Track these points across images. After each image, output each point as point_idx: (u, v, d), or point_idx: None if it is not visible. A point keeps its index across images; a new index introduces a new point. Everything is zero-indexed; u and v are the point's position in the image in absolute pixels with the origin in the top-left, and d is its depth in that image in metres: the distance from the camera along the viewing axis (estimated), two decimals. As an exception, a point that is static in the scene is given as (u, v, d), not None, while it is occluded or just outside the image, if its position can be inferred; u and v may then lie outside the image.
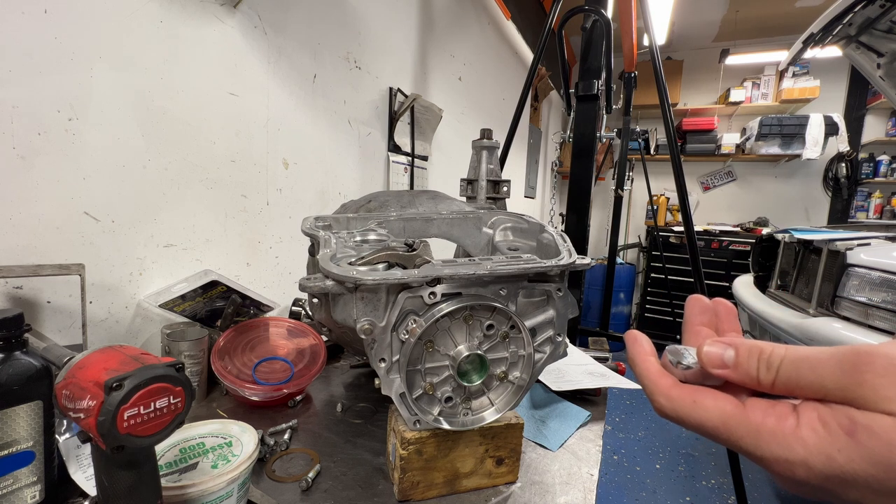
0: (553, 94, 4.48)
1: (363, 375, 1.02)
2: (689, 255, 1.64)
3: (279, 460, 0.68)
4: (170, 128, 0.93)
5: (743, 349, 0.25)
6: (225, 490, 0.50)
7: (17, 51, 0.69)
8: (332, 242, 0.62)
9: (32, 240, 0.73)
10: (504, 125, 2.06)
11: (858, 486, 0.19)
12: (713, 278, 4.03)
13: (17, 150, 0.70)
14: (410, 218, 0.81)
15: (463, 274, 0.53)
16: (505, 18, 2.91)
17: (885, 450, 0.18)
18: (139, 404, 0.38)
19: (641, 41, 2.89)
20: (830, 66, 4.09)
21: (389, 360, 0.56)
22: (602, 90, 1.84)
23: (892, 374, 0.19)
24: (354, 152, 1.54)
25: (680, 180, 1.65)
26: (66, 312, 0.77)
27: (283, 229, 1.26)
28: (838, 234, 1.95)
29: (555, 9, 1.90)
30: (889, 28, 1.75)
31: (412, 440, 0.58)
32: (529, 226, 0.79)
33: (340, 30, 1.41)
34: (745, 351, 0.24)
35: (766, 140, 4.17)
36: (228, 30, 1.03)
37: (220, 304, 0.93)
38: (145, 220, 0.90)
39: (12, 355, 0.47)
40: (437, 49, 2.07)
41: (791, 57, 2.01)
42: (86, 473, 0.54)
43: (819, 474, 0.20)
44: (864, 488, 0.19)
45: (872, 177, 4.18)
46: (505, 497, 0.62)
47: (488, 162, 1.01)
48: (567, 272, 0.61)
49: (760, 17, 4.00)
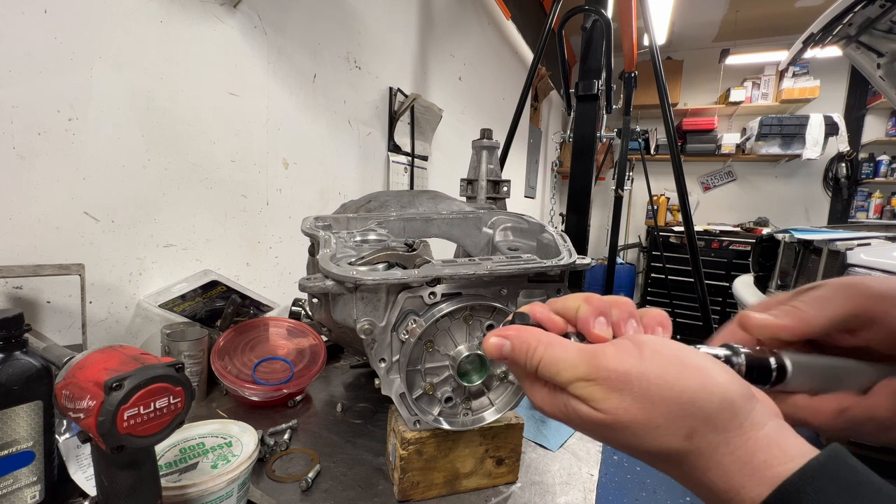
0: (553, 94, 4.48)
1: (363, 375, 1.02)
2: (690, 255, 1.64)
3: (279, 460, 0.68)
4: (170, 128, 0.93)
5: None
6: (225, 490, 0.50)
7: (17, 51, 0.69)
8: (332, 242, 0.62)
9: (32, 240, 0.73)
10: (504, 125, 2.06)
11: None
12: (713, 278, 4.03)
13: (17, 150, 0.70)
14: (410, 218, 0.81)
15: (463, 274, 0.53)
16: (505, 18, 2.91)
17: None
18: (139, 404, 0.38)
19: (641, 41, 2.89)
20: (830, 66, 4.09)
21: (389, 360, 0.56)
22: (602, 90, 1.83)
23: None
24: (354, 152, 1.54)
25: (680, 180, 1.65)
26: (66, 312, 0.77)
27: (283, 229, 1.26)
28: (838, 234, 1.95)
29: (555, 9, 1.90)
30: (889, 28, 1.75)
31: (412, 440, 0.58)
32: (529, 226, 0.79)
33: (340, 30, 1.41)
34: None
35: (767, 140, 4.17)
36: (228, 30, 1.03)
37: (220, 304, 0.93)
38: (145, 220, 0.90)
39: (12, 355, 0.47)
40: (437, 49, 2.06)
41: (791, 57, 2.01)
42: (86, 473, 0.54)
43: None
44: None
45: (872, 177, 4.18)
46: (505, 497, 0.62)
47: (488, 162, 1.00)
48: (567, 272, 0.61)
49: (760, 17, 4.00)
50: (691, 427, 0.22)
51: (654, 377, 0.23)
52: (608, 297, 0.30)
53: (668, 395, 0.22)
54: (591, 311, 0.28)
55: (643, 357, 0.24)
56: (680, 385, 0.22)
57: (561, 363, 0.26)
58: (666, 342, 0.25)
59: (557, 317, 0.30)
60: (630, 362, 0.24)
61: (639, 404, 0.23)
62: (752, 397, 0.23)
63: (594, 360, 0.25)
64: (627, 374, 0.23)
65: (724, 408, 0.22)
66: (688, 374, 0.23)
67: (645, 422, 0.23)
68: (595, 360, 0.25)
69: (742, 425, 0.22)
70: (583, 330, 0.28)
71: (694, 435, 0.22)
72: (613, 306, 0.29)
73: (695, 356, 0.24)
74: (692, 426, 0.22)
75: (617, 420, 0.23)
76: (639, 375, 0.23)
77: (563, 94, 2.23)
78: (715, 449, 0.22)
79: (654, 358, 0.23)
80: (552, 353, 0.26)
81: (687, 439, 0.22)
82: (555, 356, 0.26)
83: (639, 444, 0.24)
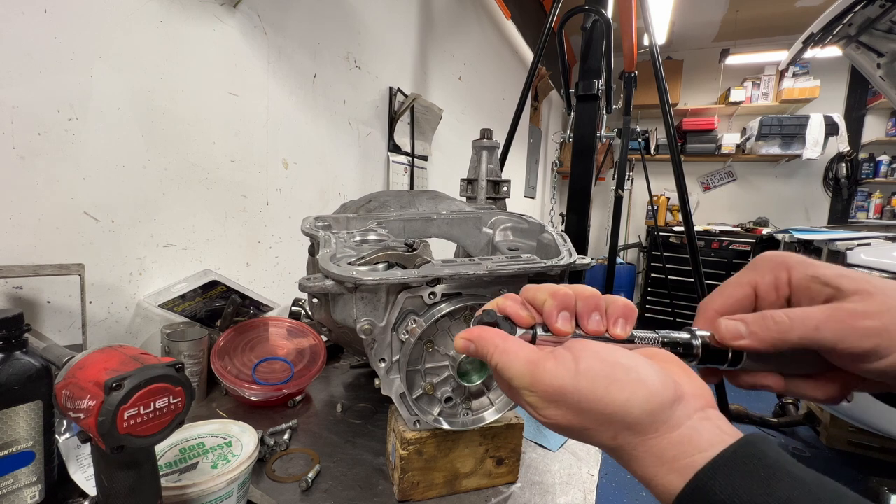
0: (553, 94, 4.48)
1: (363, 375, 1.02)
2: (690, 255, 1.64)
3: (279, 460, 0.68)
4: (170, 128, 0.93)
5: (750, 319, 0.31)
6: (225, 490, 0.50)
7: (17, 51, 0.69)
8: (331, 242, 0.62)
9: (32, 240, 0.73)
10: (504, 125, 2.06)
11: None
12: (713, 278, 3.99)
13: (17, 150, 0.70)
14: (410, 218, 0.81)
15: (463, 274, 0.53)
16: (505, 18, 2.91)
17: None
18: (139, 404, 0.37)
19: (641, 41, 2.89)
20: (830, 66, 4.09)
21: (389, 360, 0.56)
22: (602, 90, 1.83)
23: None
24: (354, 152, 1.54)
25: (680, 180, 1.65)
26: (66, 312, 0.77)
27: (283, 229, 1.26)
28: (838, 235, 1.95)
29: (555, 9, 1.90)
30: (889, 28, 1.75)
31: (412, 440, 0.58)
32: (529, 226, 0.79)
33: (340, 30, 1.41)
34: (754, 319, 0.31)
35: (767, 140, 4.17)
36: (228, 30, 1.03)
37: (220, 304, 0.93)
38: (145, 220, 0.90)
39: (12, 355, 0.47)
40: (437, 49, 2.06)
41: (791, 57, 2.01)
42: (86, 473, 0.54)
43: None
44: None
45: (872, 177, 4.18)
46: (505, 497, 0.62)
47: (488, 162, 1.00)
48: (567, 272, 0.61)
49: (760, 17, 4.00)
50: (615, 431, 0.27)
51: (585, 392, 0.27)
52: (576, 289, 0.32)
53: (595, 408, 0.27)
54: (555, 306, 0.31)
55: (578, 372, 0.27)
56: (606, 400, 0.26)
57: (511, 372, 0.29)
58: (603, 354, 0.28)
59: (525, 311, 0.32)
60: (565, 377, 0.27)
61: (572, 414, 0.27)
62: (676, 401, 0.26)
63: (536, 373, 0.28)
64: (562, 389, 0.27)
65: (642, 418, 0.26)
66: (614, 390, 0.26)
67: (579, 426, 0.28)
68: (536, 373, 0.28)
69: (658, 429, 0.26)
70: (547, 323, 0.31)
71: (617, 437, 0.27)
72: (579, 299, 0.31)
73: (624, 372, 0.27)
74: (616, 431, 0.27)
75: (557, 424, 0.28)
76: (572, 390, 0.27)
77: (563, 94, 2.23)
78: (634, 447, 0.27)
79: (587, 374, 0.27)
80: (504, 361, 0.30)
81: (613, 440, 0.27)
82: (506, 365, 0.30)
83: (577, 438, 0.29)
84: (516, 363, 0.29)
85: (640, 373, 0.27)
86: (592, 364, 0.27)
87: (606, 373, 0.27)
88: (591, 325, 0.31)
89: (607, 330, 0.31)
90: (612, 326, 0.31)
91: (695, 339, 0.32)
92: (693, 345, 0.31)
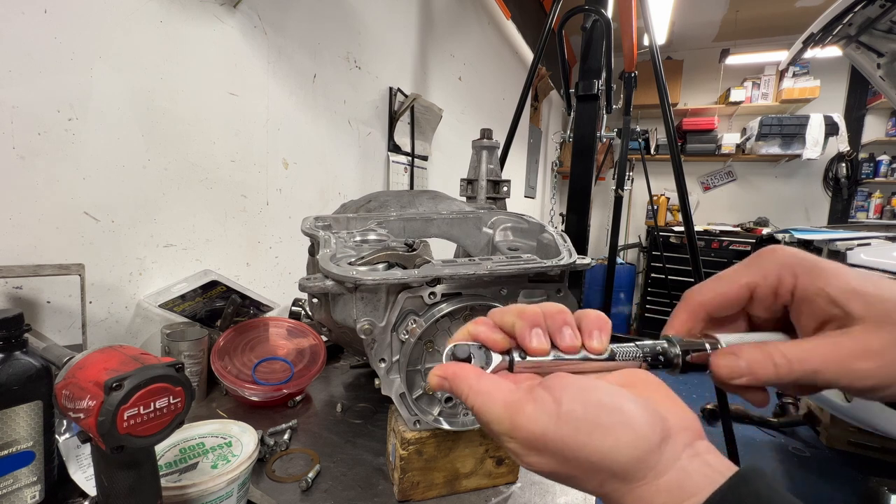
0: (553, 94, 4.48)
1: (363, 375, 1.02)
2: (690, 255, 1.64)
3: (279, 460, 0.68)
4: (170, 128, 0.93)
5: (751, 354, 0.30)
6: (225, 490, 0.50)
7: (17, 51, 0.69)
8: (331, 242, 0.62)
9: (32, 240, 0.73)
10: (504, 125, 2.06)
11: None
12: (713, 278, 4.01)
13: (17, 150, 0.70)
14: (410, 218, 0.81)
15: (463, 274, 0.53)
16: (505, 18, 2.91)
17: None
18: (139, 404, 0.37)
19: (641, 41, 2.89)
20: (830, 66, 4.09)
21: (389, 360, 0.56)
22: (602, 90, 1.83)
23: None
24: (354, 152, 1.54)
25: (680, 180, 1.65)
26: (66, 312, 0.77)
27: (283, 229, 1.26)
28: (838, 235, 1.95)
29: (555, 9, 1.90)
30: (889, 28, 1.75)
31: (412, 440, 0.58)
32: (529, 226, 0.79)
33: (340, 30, 1.41)
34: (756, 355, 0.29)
35: (767, 140, 4.17)
36: (228, 30, 1.03)
37: (220, 304, 0.93)
38: (145, 220, 0.90)
39: (12, 355, 0.47)
40: (437, 49, 2.06)
41: (791, 57, 2.01)
42: (86, 473, 0.54)
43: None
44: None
45: (872, 177, 4.18)
46: (505, 497, 0.62)
47: (488, 162, 1.01)
48: (567, 272, 0.61)
49: (760, 17, 4.00)
50: (601, 480, 0.25)
51: (567, 439, 0.25)
52: (542, 307, 0.30)
53: (579, 455, 0.25)
54: (525, 326, 0.29)
55: (559, 416, 0.25)
56: (590, 447, 0.25)
57: (489, 416, 0.27)
58: (585, 394, 0.26)
59: (499, 335, 0.30)
60: (547, 424, 0.25)
61: (555, 461, 0.26)
62: (664, 441, 0.25)
63: (515, 419, 0.26)
64: (544, 436, 0.25)
65: (629, 466, 0.24)
66: (598, 436, 0.25)
67: (563, 473, 0.26)
68: (515, 419, 0.26)
69: (646, 476, 0.25)
70: (522, 346, 0.29)
71: (604, 485, 0.25)
72: (546, 317, 0.30)
73: (608, 415, 0.25)
74: (602, 479, 0.25)
75: (540, 470, 0.27)
76: (554, 437, 0.25)
77: (563, 94, 2.23)
78: (622, 495, 0.25)
79: (569, 418, 0.25)
80: (481, 404, 0.28)
81: (598, 487, 0.26)
82: (483, 408, 0.28)
83: (566, 484, 0.27)
84: (495, 408, 0.27)
85: (624, 414, 0.25)
86: (574, 407, 0.25)
87: (590, 416, 0.25)
88: (566, 340, 0.29)
89: (584, 345, 0.29)
90: (587, 340, 0.29)
91: (673, 347, 0.31)
92: (673, 356, 0.31)
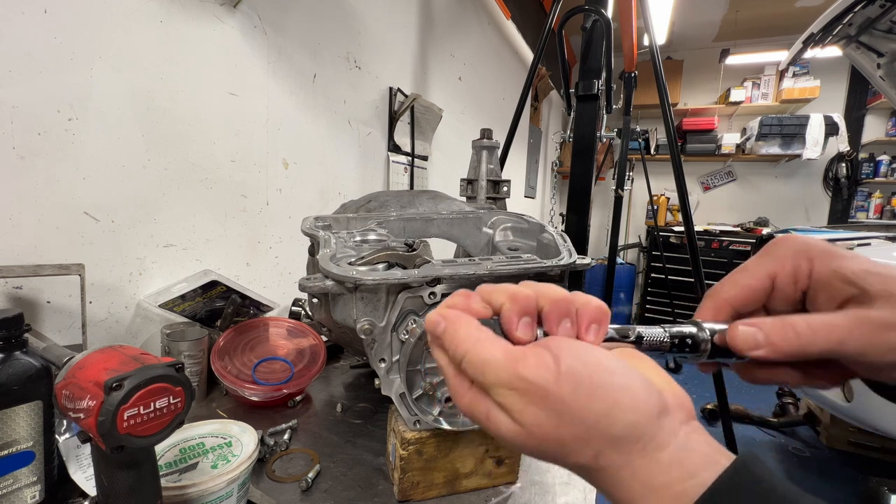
0: (553, 94, 4.48)
1: (363, 375, 1.02)
2: (690, 255, 1.64)
3: (279, 460, 0.68)
4: (170, 128, 0.93)
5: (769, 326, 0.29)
6: (225, 490, 0.50)
7: (17, 51, 0.69)
8: (331, 242, 0.62)
9: (32, 240, 0.73)
10: (504, 125, 2.06)
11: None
12: (713, 278, 3.98)
13: (16, 150, 0.70)
14: (410, 218, 0.81)
15: (463, 274, 0.53)
16: (505, 18, 2.91)
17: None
18: (139, 404, 0.38)
19: (641, 41, 2.89)
20: (830, 66, 4.09)
21: (389, 360, 0.56)
22: (602, 90, 1.83)
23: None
24: (354, 152, 1.54)
25: (680, 180, 1.65)
26: (66, 312, 0.77)
27: (283, 229, 1.26)
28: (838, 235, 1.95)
29: (555, 9, 1.90)
30: (889, 28, 1.75)
31: (412, 440, 0.58)
32: (529, 226, 0.79)
33: (340, 30, 1.41)
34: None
35: (767, 140, 4.17)
36: (228, 30, 1.03)
37: (220, 304, 0.93)
38: (145, 220, 0.90)
39: (12, 355, 0.47)
40: (437, 49, 2.06)
41: (791, 57, 2.01)
42: (86, 473, 0.54)
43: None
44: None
45: (872, 177, 4.18)
46: (505, 497, 0.62)
47: (488, 162, 1.01)
48: (567, 272, 0.61)
49: (760, 17, 4.00)
50: (597, 449, 0.24)
51: (566, 398, 0.23)
52: (540, 290, 0.28)
53: (576, 417, 0.23)
54: (514, 311, 0.27)
55: (559, 375, 0.24)
56: (588, 408, 0.23)
57: (486, 364, 0.25)
58: (584, 355, 0.25)
59: (483, 306, 0.29)
60: (546, 377, 0.24)
61: (551, 422, 0.24)
62: (662, 413, 0.24)
63: (516, 366, 0.24)
64: (545, 389, 0.24)
65: (627, 432, 0.23)
66: (597, 398, 0.23)
67: (555, 440, 0.24)
68: (517, 367, 0.24)
69: (645, 448, 0.23)
70: (506, 330, 0.28)
71: (599, 456, 0.24)
72: (546, 302, 0.28)
73: (608, 376, 0.24)
74: (597, 448, 0.24)
75: (531, 435, 0.24)
76: (554, 392, 0.24)
77: (563, 94, 2.22)
78: (619, 469, 0.23)
79: (568, 378, 0.24)
80: (481, 350, 0.26)
81: (593, 459, 0.24)
82: (481, 355, 0.25)
83: (552, 458, 0.25)
84: (496, 354, 0.25)
85: (625, 377, 0.24)
86: (574, 365, 0.24)
87: (590, 376, 0.24)
88: (561, 333, 0.27)
89: (578, 338, 0.27)
90: (584, 334, 0.27)
91: (702, 332, 0.29)
92: (701, 340, 0.29)
